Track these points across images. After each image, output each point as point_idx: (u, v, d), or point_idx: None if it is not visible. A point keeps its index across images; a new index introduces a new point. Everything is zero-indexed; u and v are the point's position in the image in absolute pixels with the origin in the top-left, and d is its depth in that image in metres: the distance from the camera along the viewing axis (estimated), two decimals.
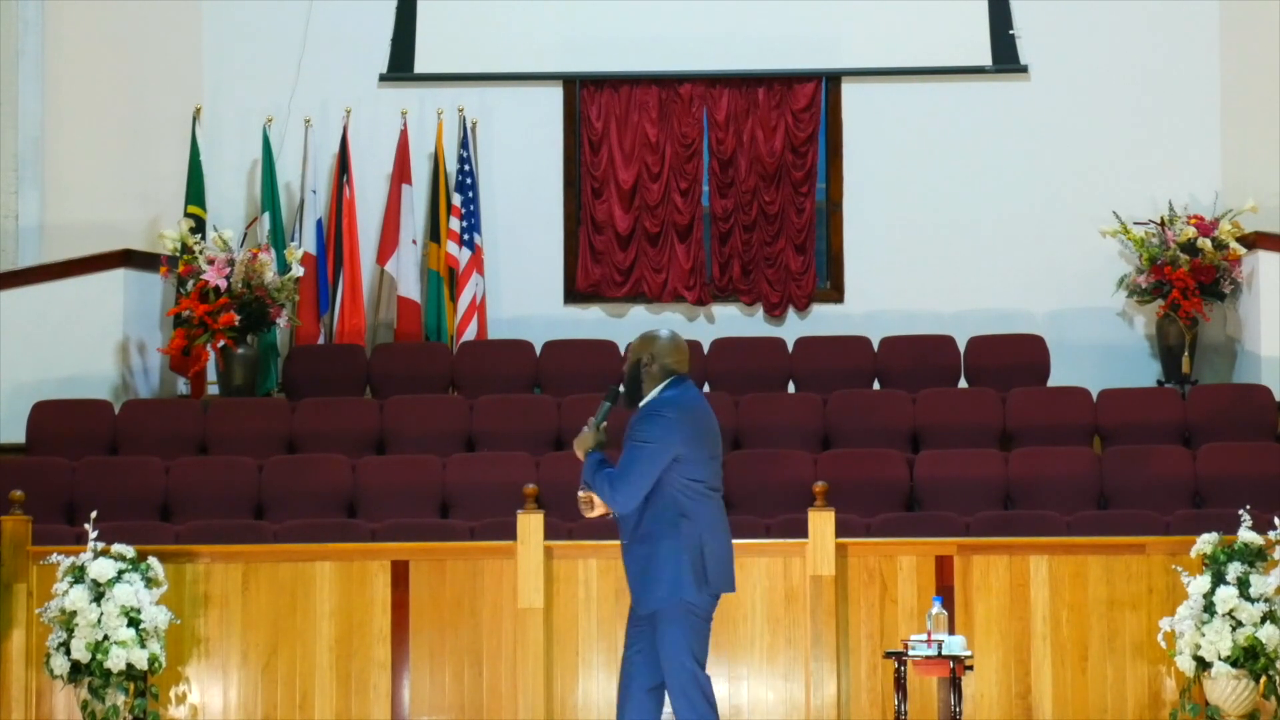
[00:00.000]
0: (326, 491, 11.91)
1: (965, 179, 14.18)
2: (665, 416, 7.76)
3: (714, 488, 7.85)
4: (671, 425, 7.74)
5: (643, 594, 7.77)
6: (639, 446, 7.74)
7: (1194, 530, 10.04)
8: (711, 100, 14.32)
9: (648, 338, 7.99)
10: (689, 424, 7.78)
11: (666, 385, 7.89)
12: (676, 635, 7.71)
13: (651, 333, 8.03)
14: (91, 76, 14.18)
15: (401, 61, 14.39)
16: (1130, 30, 14.16)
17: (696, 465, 7.77)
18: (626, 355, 8.02)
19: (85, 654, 9.81)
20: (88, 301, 13.59)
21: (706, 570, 7.73)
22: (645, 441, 7.74)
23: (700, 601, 7.73)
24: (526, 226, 14.33)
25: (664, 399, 7.83)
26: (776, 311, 14.21)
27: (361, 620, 10.26)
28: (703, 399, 7.97)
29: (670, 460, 7.72)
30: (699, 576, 7.71)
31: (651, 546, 7.75)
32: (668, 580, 7.71)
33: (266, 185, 14.02)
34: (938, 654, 9.20)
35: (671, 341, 7.96)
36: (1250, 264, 13.52)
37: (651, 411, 7.80)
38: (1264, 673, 9.59)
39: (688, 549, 7.71)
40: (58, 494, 11.83)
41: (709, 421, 7.90)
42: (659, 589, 7.72)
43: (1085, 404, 12.57)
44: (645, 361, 7.92)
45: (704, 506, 7.79)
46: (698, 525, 7.74)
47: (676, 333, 8.06)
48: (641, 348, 7.96)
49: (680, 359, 7.95)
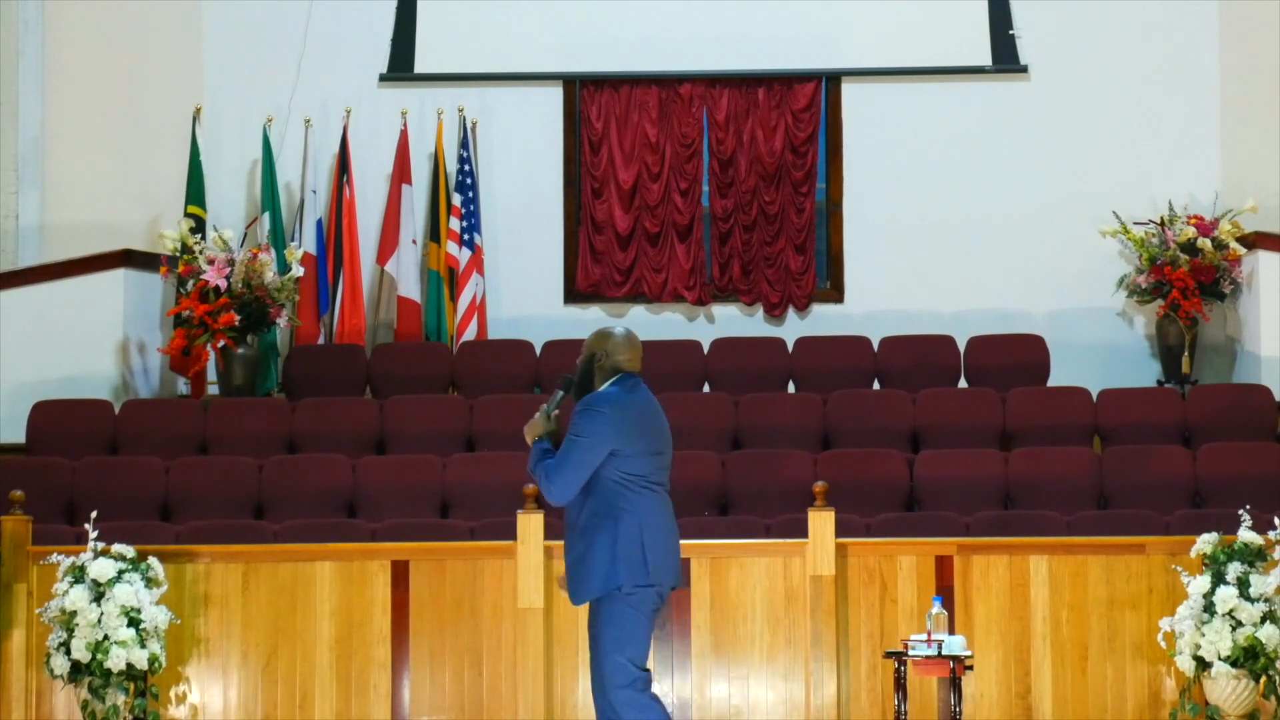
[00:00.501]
0: (326, 491, 11.91)
1: (965, 179, 14.19)
2: (600, 411, 7.78)
3: (656, 482, 7.85)
4: (606, 420, 7.76)
5: (577, 585, 7.78)
6: (573, 440, 7.78)
7: (1194, 530, 10.03)
8: (711, 100, 14.32)
9: (603, 334, 8.02)
10: (625, 420, 7.79)
11: (613, 382, 7.91)
12: (608, 622, 7.71)
13: (607, 329, 8.06)
14: (91, 76, 14.19)
15: (401, 61, 14.39)
16: (1130, 30, 14.16)
17: (635, 460, 7.78)
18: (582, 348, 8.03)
19: (85, 654, 9.81)
20: (88, 301, 13.59)
21: (647, 561, 7.72)
22: (578, 435, 7.77)
23: (638, 590, 7.71)
24: (526, 226, 14.34)
25: (603, 395, 7.86)
26: (776, 311, 14.21)
27: (361, 620, 10.26)
28: (649, 397, 7.96)
29: (606, 455, 7.74)
30: (636, 567, 7.70)
31: (589, 539, 7.76)
32: (602, 570, 7.71)
33: (266, 185, 14.02)
34: (938, 654, 9.20)
35: (626, 340, 7.98)
36: (1250, 264, 13.52)
37: (588, 406, 7.83)
38: (1264, 673, 9.59)
39: (625, 540, 7.71)
40: (58, 494, 11.84)
41: (652, 419, 7.91)
42: (594, 579, 7.72)
43: (1085, 404, 12.58)
44: (599, 357, 7.96)
45: (643, 500, 7.78)
46: (637, 518, 7.74)
47: (633, 332, 8.08)
48: (596, 343, 7.99)
49: (633, 357, 7.97)
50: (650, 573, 7.73)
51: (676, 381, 13.05)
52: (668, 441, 7.98)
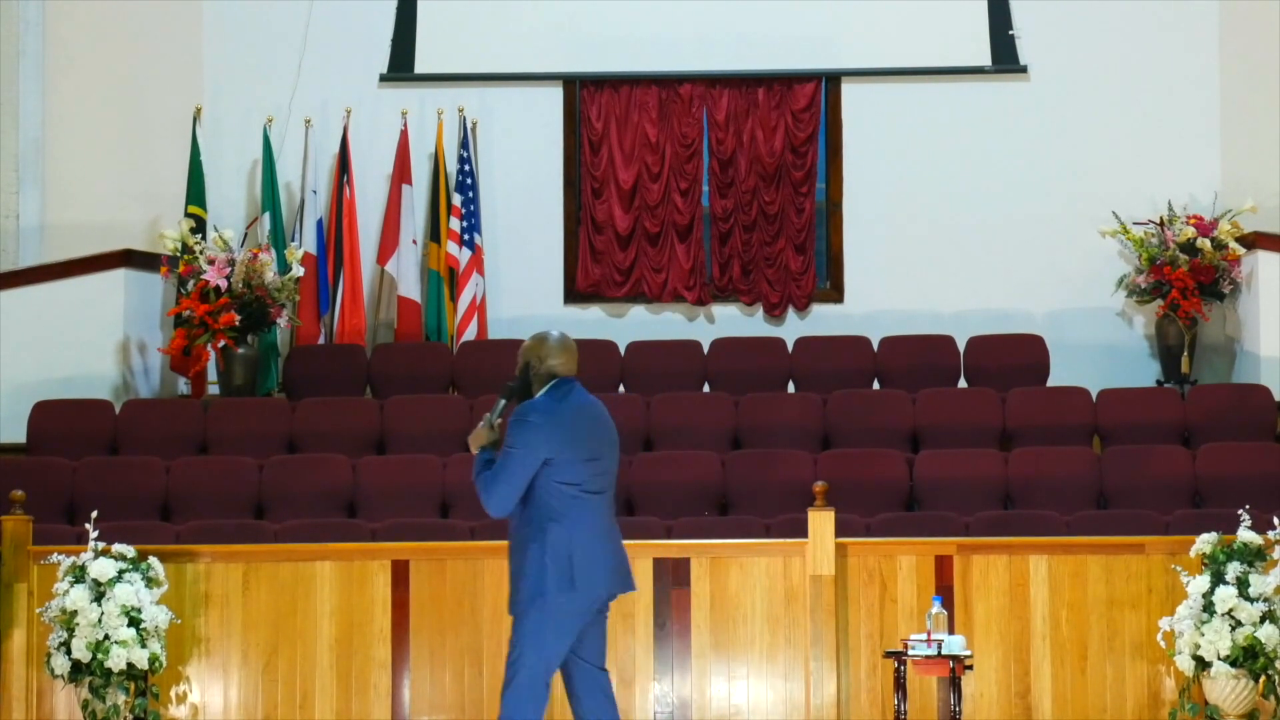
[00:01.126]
0: (326, 491, 11.91)
1: (965, 179, 14.19)
2: (530, 422, 7.73)
3: (591, 490, 7.78)
4: (536, 430, 7.70)
5: (512, 597, 7.78)
6: (506, 453, 7.74)
7: (1193, 530, 10.04)
8: (711, 100, 14.33)
9: (537, 340, 7.95)
10: (557, 427, 7.73)
11: (549, 388, 7.85)
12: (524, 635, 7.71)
13: (541, 334, 7.98)
14: (91, 76, 14.19)
15: (401, 61, 14.39)
16: (1130, 30, 14.16)
17: (568, 468, 7.72)
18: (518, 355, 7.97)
19: (86, 654, 9.81)
20: (88, 301, 13.59)
21: (574, 574, 7.67)
22: (510, 447, 7.73)
23: (565, 604, 7.68)
24: (526, 226, 14.34)
25: (533, 404, 7.80)
26: (776, 311, 14.21)
27: (361, 620, 10.26)
28: (586, 401, 7.89)
29: (539, 465, 7.70)
30: (563, 581, 7.66)
31: (523, 550, 7.74)
32: (529, 585, 7.69)
33: (267, 185, 14.02)
34: (938, 654, 9.20)
35: (559, 344, 7.91)
36: (1250, 264, 13.52)
37: (519, 418, 7.77)
38: (1263, 672, 9.59)
39: (552, 553, 7.67)
40: (58, 494, 11.84)
41: (590, 423, 7.84)
42: (522, 595, 7.72)
43: (1085, 404, 12.58)
44: (533, 364, 7.89)
45: (577, 509, 7.73)
46: (568, 529, 7.69)
47: (567, 335, 8.01)
48: (530, 350, 7.92)
49: (567, 361, 7.89)
50: (577, 584, 7.69)
51: (676, 381, 13.07)
52: (609, 445, 7.91)
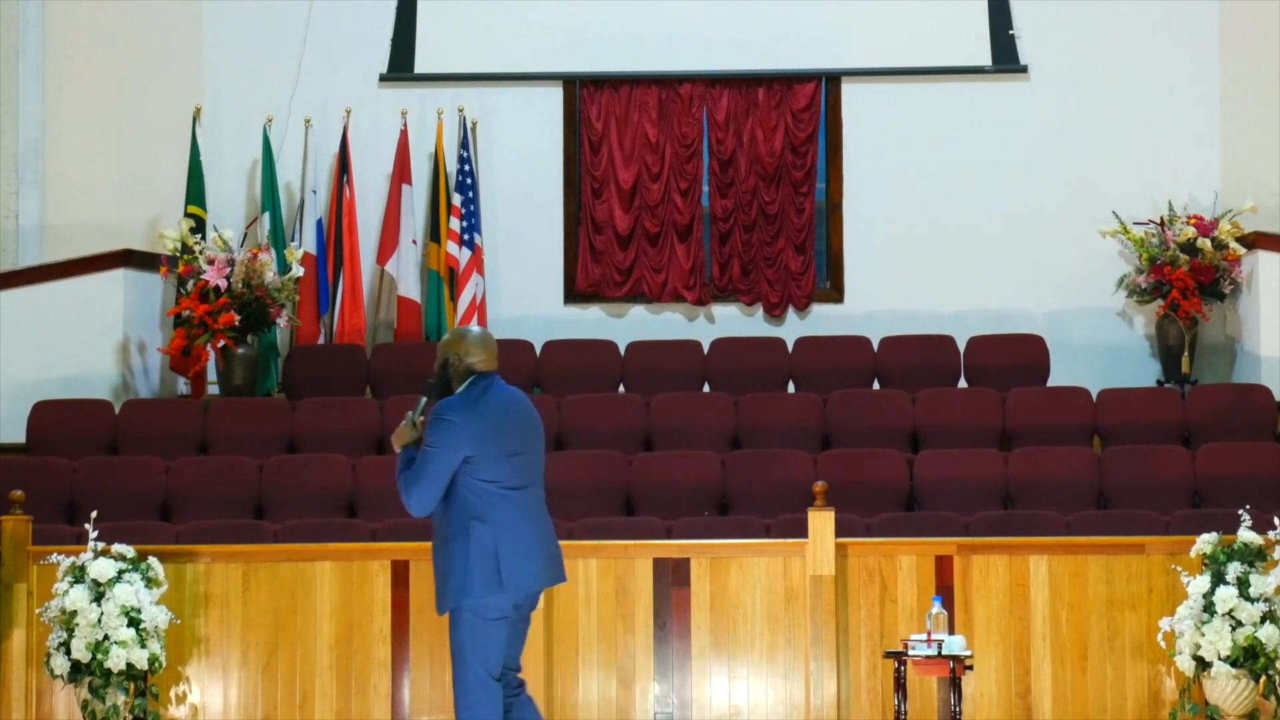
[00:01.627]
0: (326, 491, 11.91)
1: (965, 179, 14.19)
2: (448, 420, 7.70)
3: (514, 486, 7.76)
4: (453, 428, 7.68)
5: (439, 596, 7.76)
6: (425, 452, 7.71)
7: (1194, 530, 10.03)
8: (711, 100, 14.32)
9: (456, 336, 7.91)
10: (476, 424, 7.70)
11: (467, 385, 7.82)
12: (460, 638, 7.70)
13: (459, 330, 7.96)
14: (91, 76, 14.19)
15: (401, 61, 14.39)
16: (1130, 30, 14.16)
17: (490, 465, 7.70)
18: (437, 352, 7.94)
19: (85, 654, 9.81)
20: (88, 301, 13.59)
21: (500, 572, 7.66)
22: (430, 447, 7.70)
23: (489, 604, 7.67)
24: (526, 226, 14.34)
25: (450, 403, 7.77)
26: (776, 311, 14.21)
27: (361, 620, 10.26)
28: (508, 396, 7.86)
29: (459, 463, 7.68)
30: (489, 580, 7.65)
31: (448, 549, 7.72)
32: (456, 584, 7.67)
33: (266, 185, 14.02)
34: (938, 654, 9.20)
35: (478, 340, 7.88)
36: (1250, 264, 13.52)
37: (436, 416, 7.74)
38: (1264, 672, 9.59)
39: (477, 552, 7.65)
40: (58, 494, 11.84)
41: (510, 419, 7.81)
42: (449, 593, 7.70)
43: (1085, 404, 12.58)
44: (452, 361, 7.85)
45: (500, 506, 7.71)
46: (492, 526, 7.67)
47: (487, 331, 8.01)
48: (449, 347, 7.88)
49: (487, 357, 7.86)
50: (504, 582, 7.67)
51: (676, 381, 13.07)
52: (533, 438, 7.88)
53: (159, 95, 14.23)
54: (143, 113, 14.23)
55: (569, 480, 11.64)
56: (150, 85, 14.25)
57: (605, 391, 13.14)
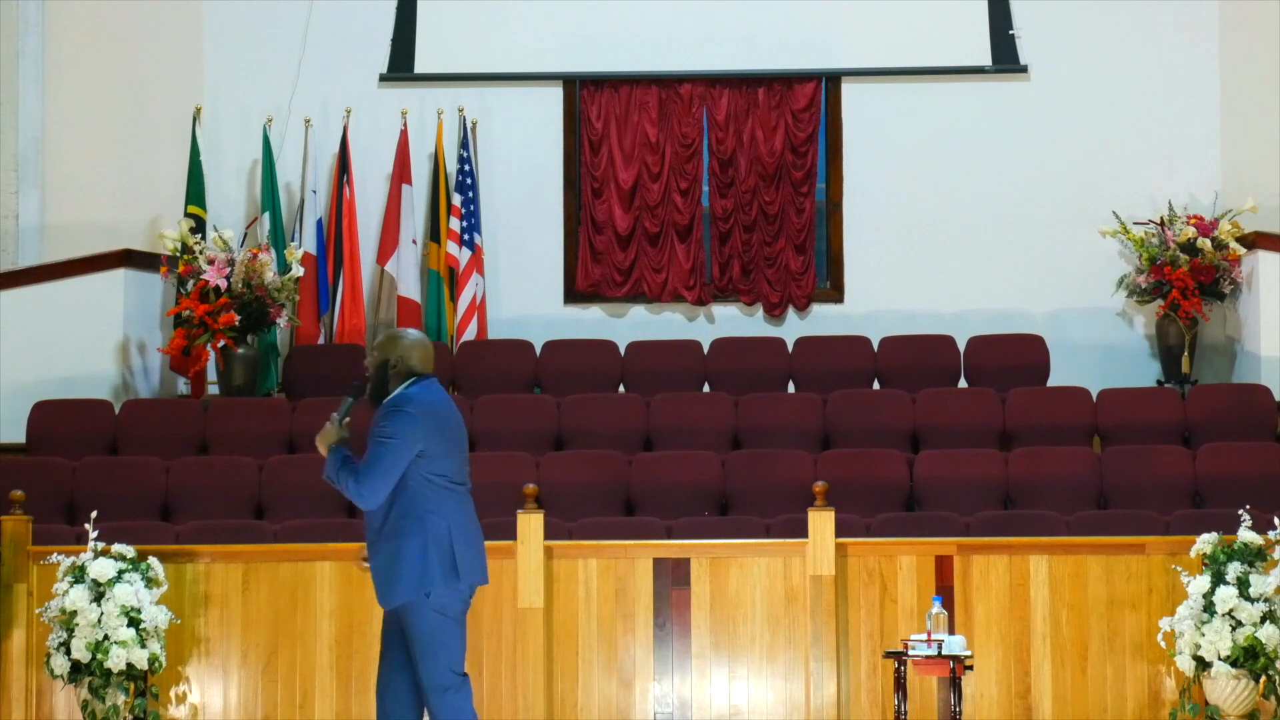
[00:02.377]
0: (327, 491, 11.75)
1: (965, 179, 14.19)
2: (407, 412, 7.80)
3: (458, 482, 7.89)
4: (413, 420, 7.78)
5: (388, 589, 7.79)
6: (382, 443, 7.78)
7: (1194, 530, 10.04)
8: (711, 100, 14.33)
9: (394, 338, 8.03)
10: (430, 420, 7.82)
11: (410, 384, 7.93)
12: (425, 630, 7.74)
13: (397, 332, 8.08)
14: (91, 76, 14.19)
15: (401, 61, 14.39)
16: (1130, 30, 14.16)
17: (440, 460, 7.82)
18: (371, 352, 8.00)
19: (85, 654, 9.81)
20: (88, 301, 13.59)
21: (457, 563, 7.76)
22: (389, 438, 7.78)
23: (449, 596, 7.75)
24: (526, 226, 14.34)
25: (405, 395, 7.87)
26: (776, 311, 14.21)
27: (361, 620, 10.26)
28: (446, 397, 8.02)
29: (414, 455, 7.77)
30: (448, 570, 7.75)
31: (398, 542, 7.77)
32: (414, 574, 7.73)
33: (266, 185, 14.03)
34: (938, 654, 9.20)
35: (418, 343, 8.01)
36: (1250, 264, 13.52)
37: (393, 408, 7.84)
38: (1264, 673, 9.59)
39: (435, 543, 7.75)
40: (58, 494, 11.84)
41: (452, 419, 7.95)
42: (405, 583, 7.74)
43: (1085, 404, 12.57)
44: (392, 362, 7.94)
45: (449, 500, 7.82)
46: (445, 519, 7.78)
47: (424, 334, 8.15)
48: (388, 348, 7.97)
49: (426, 359, 8.00)
50: (460, 573, 7.77)
51: (676, 381, 13.06)
52: (465, 441, 8.03)
53: (159, 95, 14.23)
54: (143, 113, 14.23)
55: (569, 480, 11.64)
56: (150, 85, 14.25)
57: (605, 391, 13.14)
